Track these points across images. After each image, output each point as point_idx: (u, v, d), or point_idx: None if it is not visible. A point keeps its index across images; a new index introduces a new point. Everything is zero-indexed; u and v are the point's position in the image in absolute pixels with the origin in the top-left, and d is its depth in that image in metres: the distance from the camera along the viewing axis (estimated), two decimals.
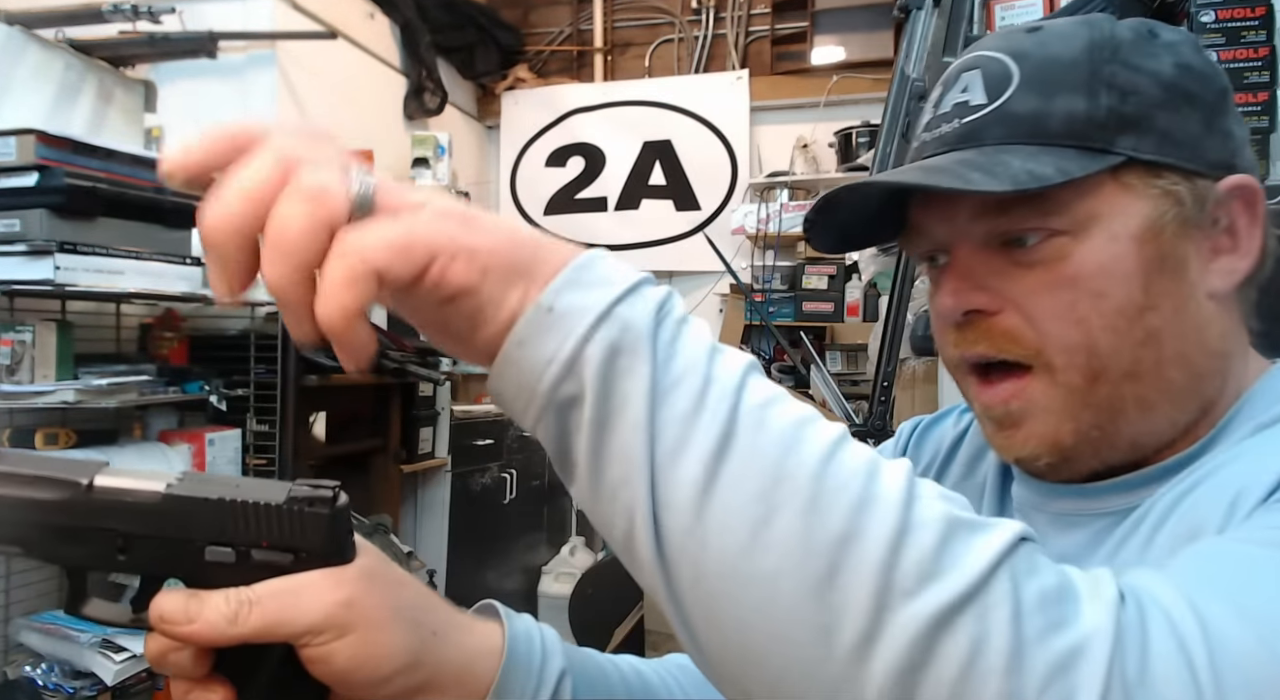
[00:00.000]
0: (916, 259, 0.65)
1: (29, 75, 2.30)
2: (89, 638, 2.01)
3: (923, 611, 0.33)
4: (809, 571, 0.34)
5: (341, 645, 0.43)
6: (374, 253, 0.34)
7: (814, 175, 4.53)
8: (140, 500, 0.42)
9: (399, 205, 0.37)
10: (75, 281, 1.87)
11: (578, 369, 0.37)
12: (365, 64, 4.10)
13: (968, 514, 0.36)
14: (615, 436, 0.36)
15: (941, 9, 1.30)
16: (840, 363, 3.87)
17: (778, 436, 0.36)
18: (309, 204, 0.34)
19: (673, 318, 0.39)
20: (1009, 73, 0.55)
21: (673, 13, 5.05)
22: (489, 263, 0.37)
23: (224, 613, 0.41)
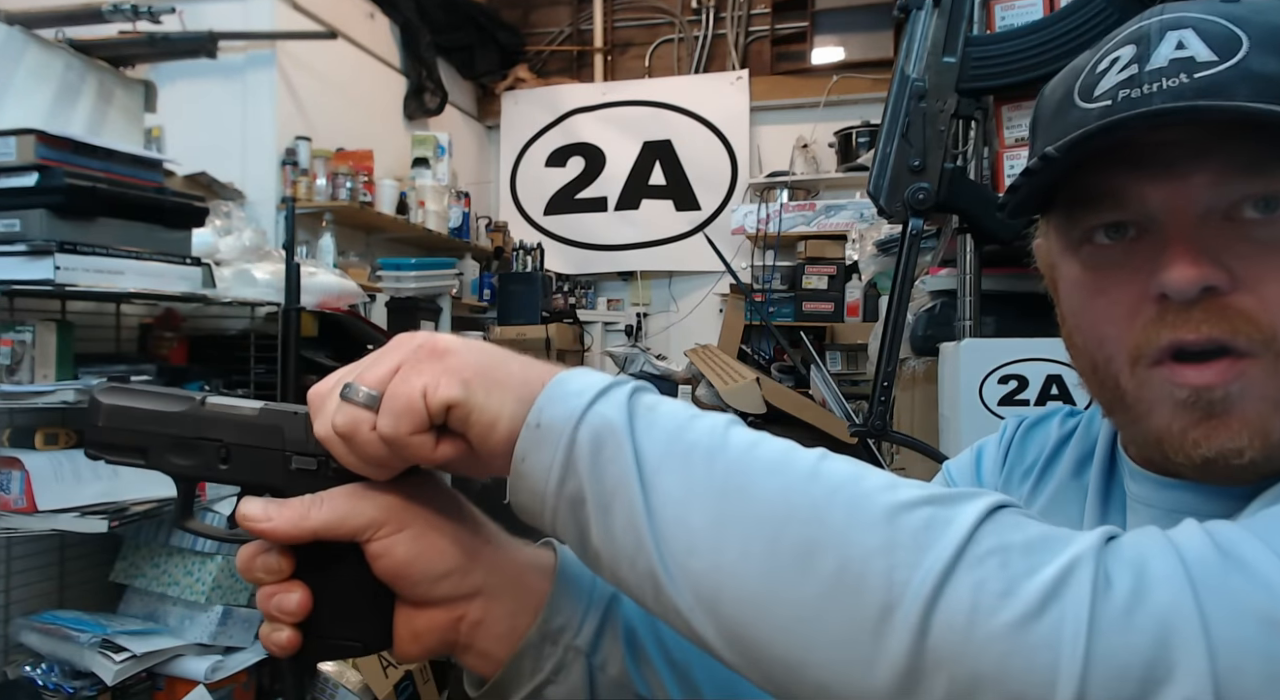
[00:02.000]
0: (1078, 237, 0.57)
1: (29, 75, 2.30)
2: (89, 638, 2.01)
3: (927, 576, 0.37)
4: (825, 572, 0.38)
5: (400, 538, 0.47)
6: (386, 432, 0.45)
7: (814, 175, 4.53)
8: (242, 413, 0.49)
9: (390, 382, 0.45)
10: (75, 281, 1.87)
11: (573, 467, 0.43)
12: (365, 64, 4.10)
13: (951, 492, 0.40)
14: (618, 514, 0.42)
15: (941, 9, 1.30)
16: (840, 363, 3.87)
17: (767, 466, 0.41)
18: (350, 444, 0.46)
19: (644, 404, 0.44)
20: (1234, 34, 0.51)
21: (673, 13, 5.05)
22: (466, 377, 0.45)
23: (297, 509, 0.47)
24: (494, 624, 0.51)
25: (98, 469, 2.02)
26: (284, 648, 0.48)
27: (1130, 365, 0.55)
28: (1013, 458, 0.69)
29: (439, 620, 0.50)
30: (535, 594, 0.52)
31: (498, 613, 0.51)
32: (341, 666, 2.45)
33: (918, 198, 1.27)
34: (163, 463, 0.50)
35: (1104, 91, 0.54)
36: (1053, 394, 1.26)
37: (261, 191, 3.36)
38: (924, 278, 1.66)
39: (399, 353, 0.46)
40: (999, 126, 1.37)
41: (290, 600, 0.48)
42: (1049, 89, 0.61)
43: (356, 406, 0.45)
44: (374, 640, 0.50)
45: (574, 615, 0.52)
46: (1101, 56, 0.56)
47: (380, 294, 3.46)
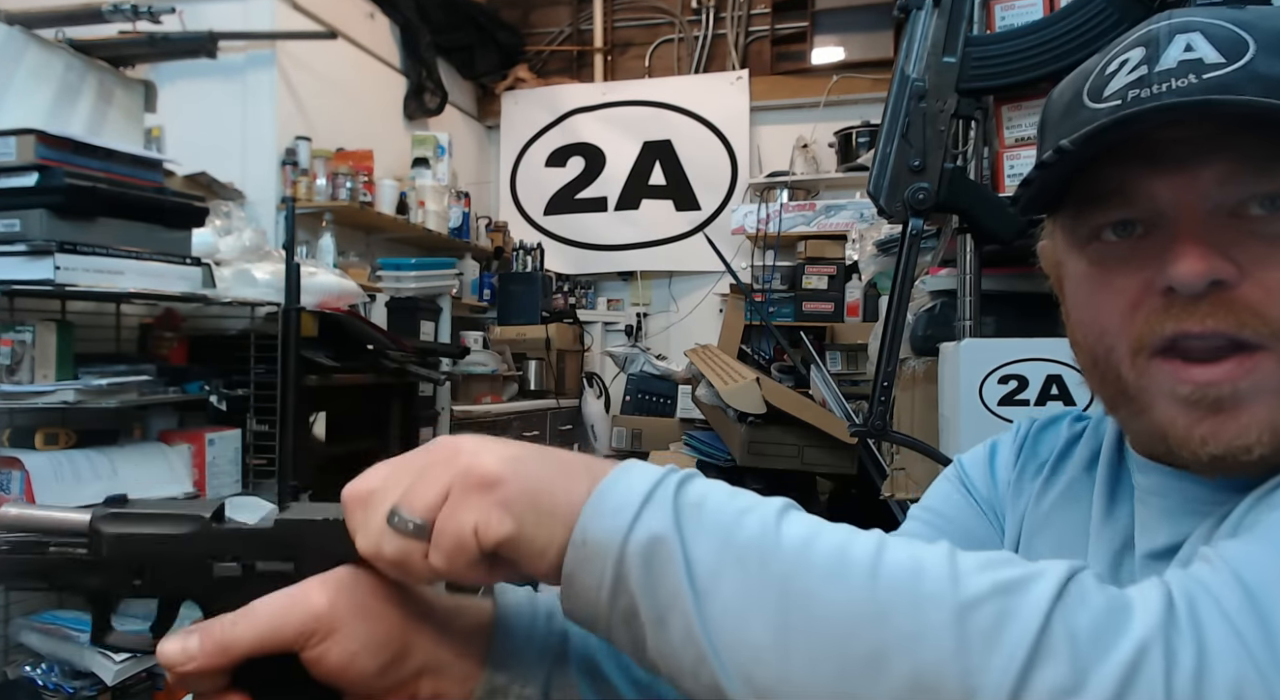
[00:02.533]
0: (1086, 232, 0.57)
1: (29, 75, 2.30)
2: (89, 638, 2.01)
3: (1003, 680, 0.37)
4: (898, 679, 0.38)
5: (330, 645, 0.46)
6: (438, 567, 0.44)
7: (814, 175, 4.53)
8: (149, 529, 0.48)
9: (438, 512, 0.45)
10: (75, 281, 1.87)
11: (625, 584, 0.42)
12: (365, 64, 4.10)
13: (1014, 570, 0.40)
14: (674, 628, 0.41)
15: (941, 9, 1.30)
16: (840, 363, 3.87)
17: (825, 569, 0.40)
18: (402, 572, 0.46)
19: (690, 504, 0.43)
20: (1241, 37, 0.52)
21: (673, 13, 5.05)
22: (517, 511, 0.44)
23: (217, 638, 0.45)
24: (447, 696, 0.51)
25: (98, 469, 2.03)
26: None
27: (1131, 356, 0.55)
28: (1026, 454, 0.70)
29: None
30: (480, 658, 0.52)
31: (447, 684, 0.51)
32: None
33: (918, 198, 1.27)
34: (71, 583, 0.48)
35: (1114, 92, 0.55)
36: (1053, 394, 1.26)
37: (261, 191, 3.36)
38: (924, 278, 1.66)
39: (445, 475, 0.45)
40: (999, 126, 1.37)
41: None
42: (1057, 92, 0.61)
43: (406, 538, 0.44)
44: None
45: (518, 669, 0.52)
46: (1110, 59, 0.57)
47: (380, 294, 3.46)
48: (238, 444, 2.32)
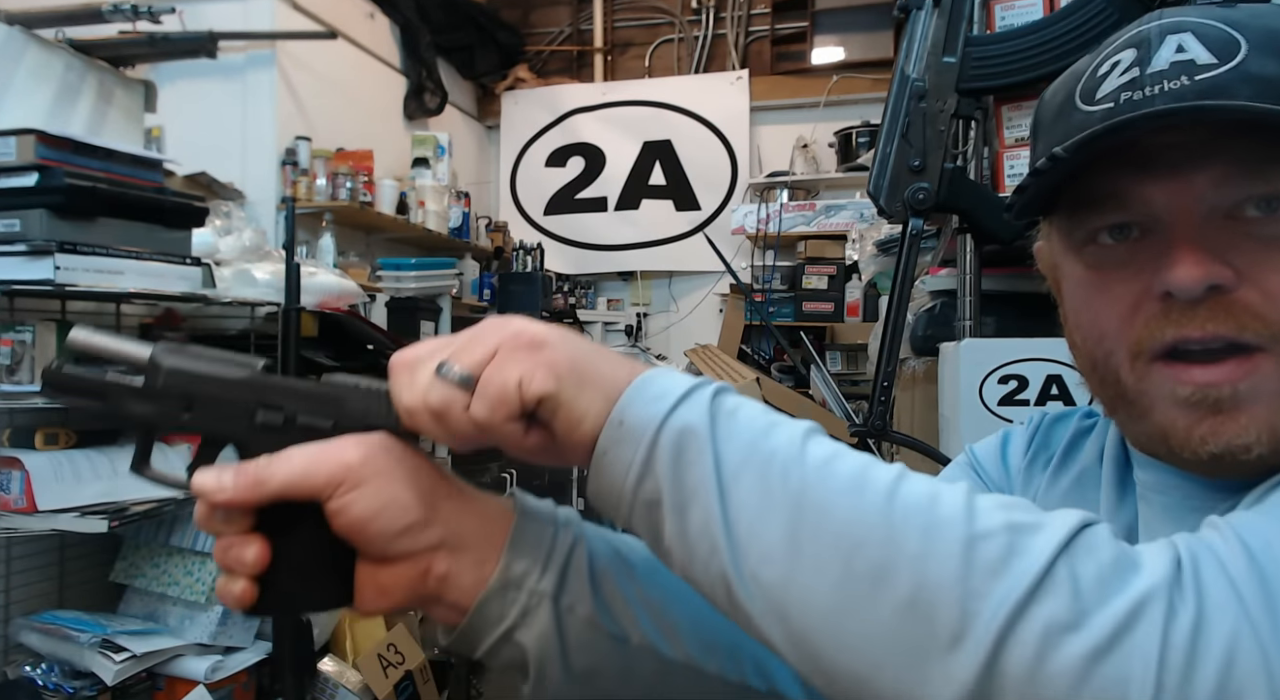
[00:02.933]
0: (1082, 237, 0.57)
1: (29, 75, 2.29)
2: (89, 638, 2.01)
3: (1000, 607, 0.38)
4: (898, 594, 0.39)
5: (357, 495, 0.48)
6: (479, 416, 0.46)
7: (814, 175, 4.53)
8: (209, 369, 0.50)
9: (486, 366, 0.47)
10: (75, 281, 1.87)
11: (652, 468, 0.44)
12: (365, 64, 4.10)
13: (1028, 515, 0.41)
14: (694, 518, 0.43)
15: (941, 9, 1.30)
16: (840, 363, 3.87)
17: (844, 485, 0.42)
18: (441, 421, 0.47)
19: (725, 409, 0.45)
20: (1232, 37, 0.52)
21: (673, 13, 5.05)
22: (560, 372, 0.46)
23: (252, 474, 0.47)
24: (460, 576, 0.51)
25: (98, 469, 2.02)
26: (239, 600, 0.49)
27: (1130, 360, 0.55)
28: (1037, 445, 0.71)
29: (404, 575, 0.50)
30: (497, 544, 0.52)
31: (462, 564, 0.51)
32: (341, 666, 2.45)
33: (918, 198, 1.27)
34: (121, 406, 0.50)
35: (1106, 94, 0.55)
36: (1053, 394, 1.26)
37: (261, 191, 3.36)
38: (924, 278, 1.66)
39: (495, 337, 0.47)
40: (999, 126, 1.37)
41: (247, 553, 0.48)
42: (1049, 93, 0.61)
43: (451, 386, 0.46)
44: (331, 598, 0.50)
45: (536, 560, 0.52)
46: (1101, 60, 0.57)
47: (380, 294, 3.46)
48: None
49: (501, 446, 0.48)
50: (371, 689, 2.43)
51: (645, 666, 0.54)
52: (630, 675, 0.54)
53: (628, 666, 0.54)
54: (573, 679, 0.53)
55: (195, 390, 0.49)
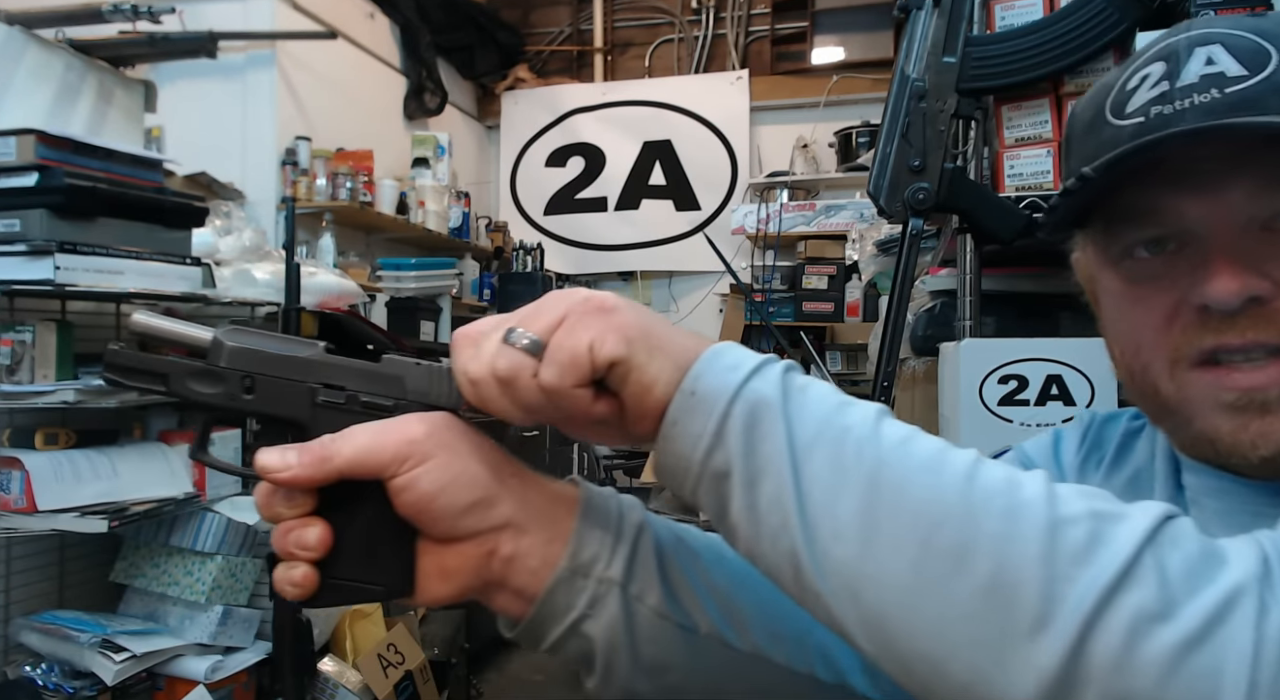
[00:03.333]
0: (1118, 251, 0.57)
1: (29, 75, 2.30)
2: (89, 638, 2.01)
3: (1086, 594, 0.37)
4: (978, 577, 0.38)
5: (422, 471, 0.47)
6: (548, 382, 0.45)
7: (814, 175, 4.53)
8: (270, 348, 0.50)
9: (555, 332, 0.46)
10: (75, 281, 1.87)
11: (724, 440, 0.43)
12: (365, 64, 4.10)
13: (1110, 505, 0.41)
14: (764, 492, 0.42)
15: (941, 9, 1.30)
16: (840, 363, 3.87)
17: (922, 465, 0.42)
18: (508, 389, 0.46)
19: (796, 386, 0.45)
20: (1263, 48, 0.53)
21: (673, 13, 5.05)
22: (631, 336, 0.45)
23: (317, 452, 0.47)
24: (526, 558, 0.49)
25: (98, 469, 2.03)
26: (299, 586, 0.48)
27: (1169, 369, 0.55)
28: (1090, 445, 0.70)
29: (470, 556, 0.49)
30: (564, 525, 0.51)
31: (529, 545, 0.50)
32: (341, 666, 2.45)
33: (918, 198, 1.27)
34: (182, 387, 0.49)
35: (1136, 108, 0.55)
36: (1053, 394, 1.26)
37: (261, 191, 3.36)
38: (924, 278, 1.66)
39: (563, 304, 0.46)
40: (999, 126, 1.37)
41: (309, 535, 0.47)
42: (1079, 107, 0.61)
43: (520, 352, 0.45)
44: (394, 583, 0.49)
45: (603, 546, 0.51)
46: (1131, 73, 0.57)
47: (380, 294, 3.46)
48: (238, 444, 2.32)
49: (566, 418, 0.47)
50: (371, 689, 2.43)
51: (713, 657, 0.53)
52: (698, 667, 0.53)
53: (696, 657, 0.53)
54: (641, 671, 0.52)
55: (258, 370, 0.49)
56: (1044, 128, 1.34)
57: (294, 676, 2.19)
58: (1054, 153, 1.33)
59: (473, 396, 0.47)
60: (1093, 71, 1.32)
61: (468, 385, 0.47)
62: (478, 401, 0.47)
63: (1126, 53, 1.30)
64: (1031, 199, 1.31)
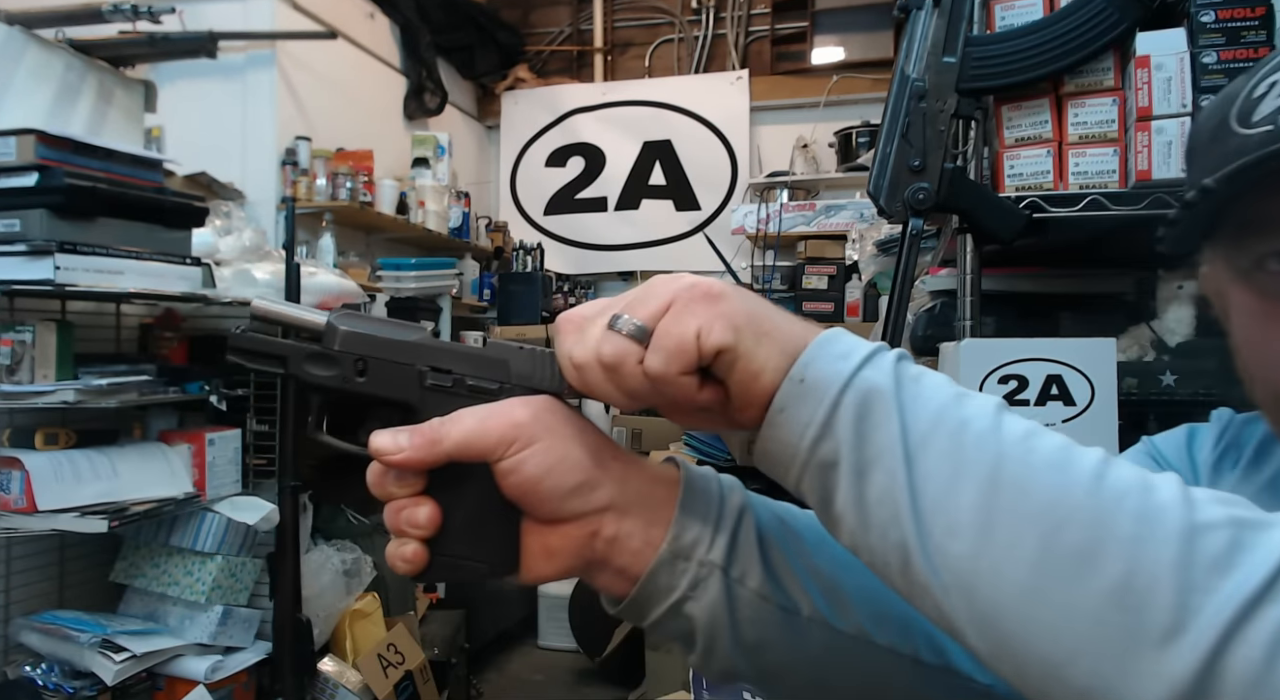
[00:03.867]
0: (1250, 264, 0.55)
1: (29, 75, 2.30)
2: (89, 638, 2.01)
3: (1225, 605, 0.35)
4: (1105, 579, 0.37)
5: (529, 453, 0.48)
6: (654, 369, 0.45)
7: (814, 175, 4.53)
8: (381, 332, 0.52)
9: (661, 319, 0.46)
10: (75, 281, 1.87)
11: (833, 429, 0.43)
12: (365, 64, 4.10)
13: (1251, 513, 0.38)
14: (875, 483, 0.42)
15: (941, 9, 1.30)
16: None
17: (1046, 461, 0.40)
18: (613, 375, 0.46)
19: (909, 376, 0.44)
20: None
21: (673, 13, 5.05)
22: (738, 324, 0.45)
23: (427, 435, 0.48)
24: (629, 539, 0.50)
25: (98, 469, 2.03)
26: (410, 562, 0.49)
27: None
28: (1227, 443, 0.68)
29: (574, 536, 0.49)
30: (666, 507, 0.51)
31: (631, 526, 0.50)
32: (341, 666, 2.45)
33: (918, 198, 1.27)
34: (299, 370, 0.51)
35: (1264, 116, 0.53)
36: (1053, 394, 1.26)
37: (261, 191, 3.36)
38: (924, 278, 1.66)
39: (669, 290, 0.46)
40: (999, 126, 1.37)
41: (420, 514, 0.48)
42: (1203, 117, 0.60)
43: (625, 338, 0.45)
44: (500, 562, 0.50)
45: (705, 529, 0.51)
46: (1258, 81, 0.55)
47: (380, 294, 3.46)
48: (238, 444, 2.33)
49: (670, 404, 0.47)
50: (371, 689, 2.44)
51: (815, 638, 0.52)
52: (800, 647, 0.52)
53: (798, 638, 0.52)
54: (742, 651, 0.51)
55: (370, 353, 0.51)
56: (1044, 128, 1.34)
57: (294, 676, 2.19)
58: (1054, 153, 1.33)
59: (577, 381, 0.48)
60: (1093, 71, 1.32)
61: (572, 370, 0.47)
62: (581, 386, 0.48)
63: (1126, 53, 1.30)
64: (1031, 199, 1.31)
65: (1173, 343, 1.41)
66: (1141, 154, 1.24)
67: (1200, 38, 1.24)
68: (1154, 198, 1.25)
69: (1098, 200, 1.29)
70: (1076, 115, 1.32)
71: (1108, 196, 1.28)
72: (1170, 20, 1.27)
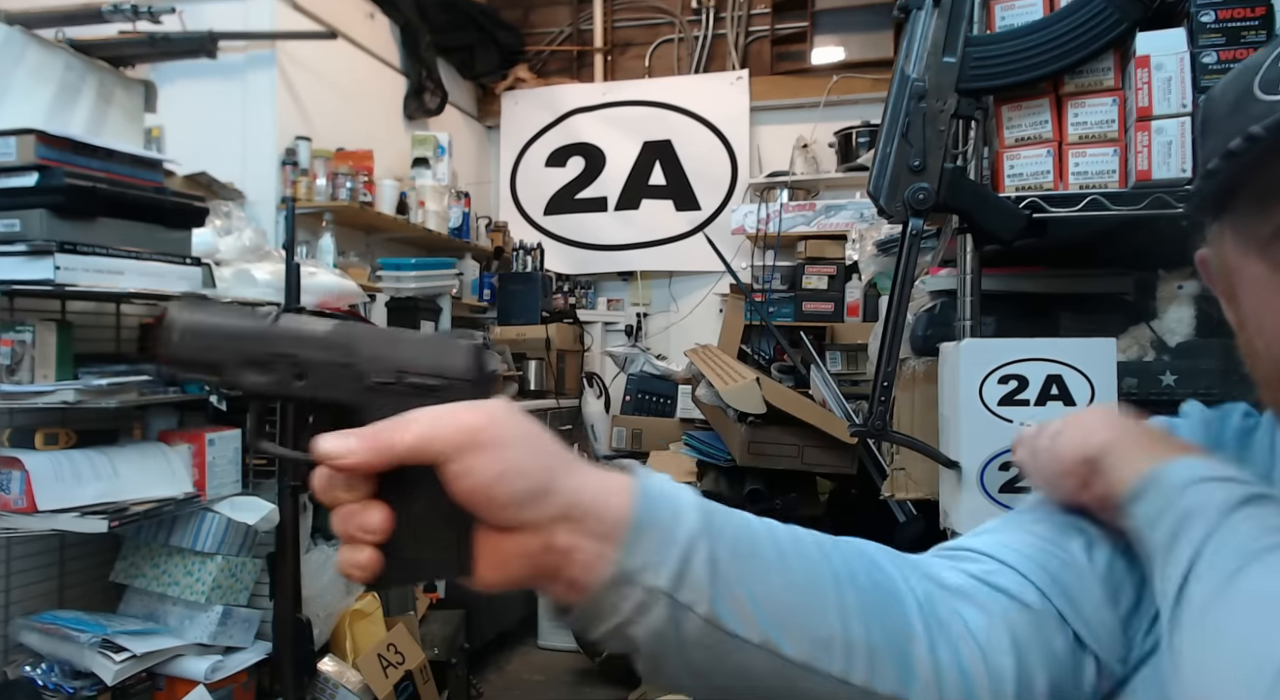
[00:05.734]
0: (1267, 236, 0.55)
1: (29, 75, 2.29)
2: (89, 638, 2.01)
3: None
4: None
5: (481, 459, 0.46)
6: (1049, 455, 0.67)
7: (814, 175, 4.53)
8: (315, 330, 0.49)
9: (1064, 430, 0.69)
10: (75, 281, 1.87)
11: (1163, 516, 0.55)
12: (365, 64, 4.10)
13: None
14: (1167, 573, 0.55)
15: (941, 9, 1.30)
16: (840, 363, 3.87)
17: None
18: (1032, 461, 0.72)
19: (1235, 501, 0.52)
20: None
21: (673, 13, 5.05)
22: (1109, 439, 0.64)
23: (378, 438, 0.46)
24: (580, 551, 0.48)
25: (98, 469, 2.03)
26: (365, 568, 0.47)
27: None
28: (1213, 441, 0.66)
29: (526, 545, 0.48)
30: (619, 522, 0.49)
31: (583, 539, 0.48)
32: (341, 666, 2.45)
33: (918, 198, 1.27)
34: (237, 379, 0.49)
35: None
36: (1053, 394, 1.26)
37: (261, 191, 3.36)
38: (924, 278, 1.66)
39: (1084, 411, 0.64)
40: (999, 126, 1.37)
41: (371, 518, 0.47)
42: (1218, 91, 0.60)
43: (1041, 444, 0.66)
44: (454, 563, 0.49)
45: (652, 552, 0.49)
46: None
47: (380, 294, 3.46)
48: (238, 444, 2.32)
49: (1066, 494, 0.63)
50: (371, 689, 2.43)
51: (764, 665, 0.51)
52: (748, 673, 0.52)
53: (746, 664, 0.51)
54: (688, 673, 0.51)
55: (306, 355, 0.49)
56: (1044, 128, 1.34)
57: (294, 676, 2.19)
58: (1054, 153, 1.33)
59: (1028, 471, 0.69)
60: (1093, 71, 1.32)
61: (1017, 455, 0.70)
62: None
63: (1127, 53, 1.30)
64: (1031, 199, 1.31)
65: (1173, 343, 1.41)
66: (1141, 154, 1.24)
67: (1200, 38, 1.24)
68: (1154, 198, 1.25)
69: (1098, 200, 1.29)
70: (1076, 115, 1.32)
71: (1108, 196, 1.28)
72: (1170, 20, 1.27)
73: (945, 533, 1.41)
